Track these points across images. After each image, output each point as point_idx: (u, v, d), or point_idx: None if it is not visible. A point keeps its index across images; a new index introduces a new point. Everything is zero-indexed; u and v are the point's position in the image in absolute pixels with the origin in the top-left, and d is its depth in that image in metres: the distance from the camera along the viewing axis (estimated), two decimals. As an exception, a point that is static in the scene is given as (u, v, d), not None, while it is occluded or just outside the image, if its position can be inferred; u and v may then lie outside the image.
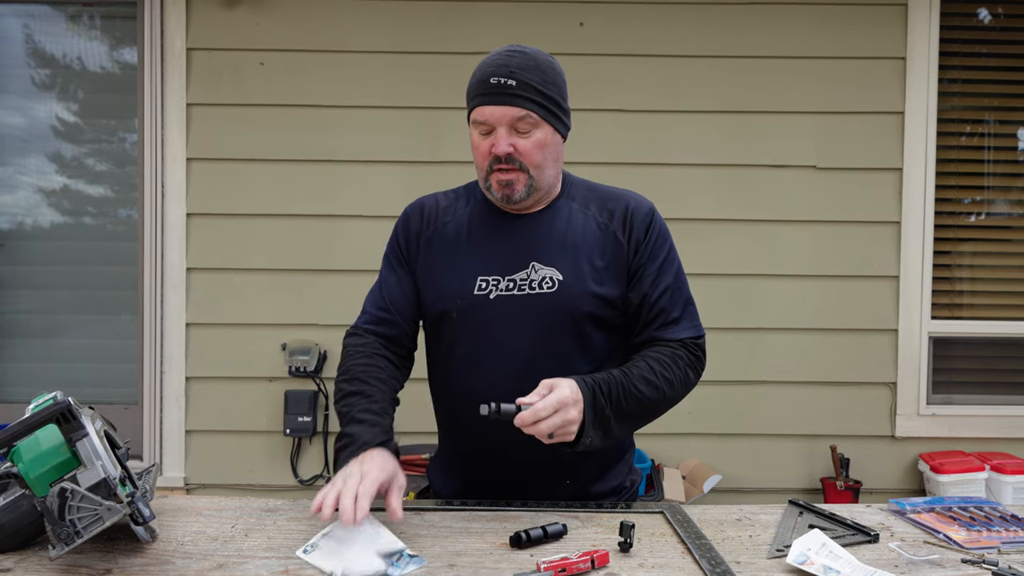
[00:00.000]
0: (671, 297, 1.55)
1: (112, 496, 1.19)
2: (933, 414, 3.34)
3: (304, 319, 3.29)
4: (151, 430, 3.30)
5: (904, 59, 3.29)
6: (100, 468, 1.20)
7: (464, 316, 1.52)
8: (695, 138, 3.30)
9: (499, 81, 1.44)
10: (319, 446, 3.32)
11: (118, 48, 3.44)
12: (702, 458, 3.31)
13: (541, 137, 1.48)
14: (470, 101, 1.49)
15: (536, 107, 1.46)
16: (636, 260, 1.54)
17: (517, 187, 1.48)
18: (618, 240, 1.54)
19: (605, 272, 1.52)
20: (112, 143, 3.44)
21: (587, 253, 1.52)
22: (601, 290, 1.51)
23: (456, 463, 1.63)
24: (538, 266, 1.51)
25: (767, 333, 3.33)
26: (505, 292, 1.50)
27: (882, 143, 3.31)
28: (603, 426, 1.41)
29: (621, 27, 3.31)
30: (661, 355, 1.51)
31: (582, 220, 1.55)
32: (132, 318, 3.39)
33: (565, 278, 1.50)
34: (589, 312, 1.50)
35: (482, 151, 1.49)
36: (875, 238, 3.32)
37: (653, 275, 1.54)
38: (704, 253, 3.29)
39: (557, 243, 1.53)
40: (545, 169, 1.50)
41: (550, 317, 1.48)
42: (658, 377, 1.47)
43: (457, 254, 1.55)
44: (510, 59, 1.46)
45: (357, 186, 3.29)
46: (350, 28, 3.29)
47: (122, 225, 3.44)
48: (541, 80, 1.46)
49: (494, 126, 1.46)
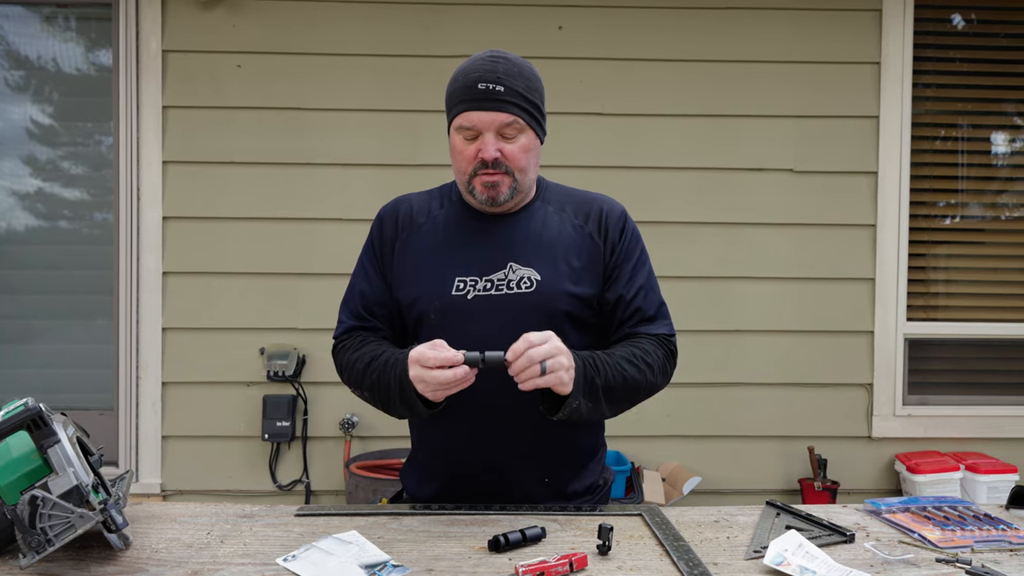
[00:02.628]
0: (646, 296, 1.59)
1: (84, 503, 1.17)
2: (909, 415, 3.38)
3: (283, 323, 3.27)
4: (127, 436, 3.26)
5: (879, 64, 3.33)
6: (72, 475, 1.18)
7: (442, 317, 1.53)
8: (673, 142, 3.32)
9: (487, 87, 1.46)
10: (298, 451, 3.30)
11: (93, 50, 3.41)
12: (682, 460, 3.32)
13: (526, 142, 1.51)
14: (454, 106, 1.50)
15: (522, 113, 1.49)
16: (612, 261, 1.57)
17: (502, 189, 1.50)
18: (594, 241, 1.57)
19: (582, 272, 1.55)
20: (87, 146, 3.41)
21: (564, 254, 1.55)
22: (578, 290, 1.53)
23: (432, 465, 1.62)
24: (516, 266, 1.53)
25: (745, 335, 3.35)
26: (483, 292, 1.52)
27: (858, 147, 3.34)
28: (591, 395, 1.43)
29: (599, 31, 3.32)
30: (640, 343, 1.55)
31: (558, 222, 1.58)
32: (107, 323, 3.35)
33: (543, 278, 1.52)
34: (567, 311, 1.53)
35: (467, 156, 1.50)
36: (851, 241, 3.35)
37: (628, 275, 1.58)
38: (682, 256, 3.30)
39: (534, 244, 1.55)
40: (528, 172, 1.53)
41: (528, 316, 1.49)
42: (639, 361, 1.51)
43: (434, 255, 1.56)
44: (495, 65, 1.48)
45: (336, 189, 3.28)
46: (328, 31, 3.28)
47: (97, 229, 3.41)
48: (526, 87, 1.49)
49: (481, 131, 1.48)
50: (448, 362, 1.34)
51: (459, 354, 1.35)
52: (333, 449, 3.29)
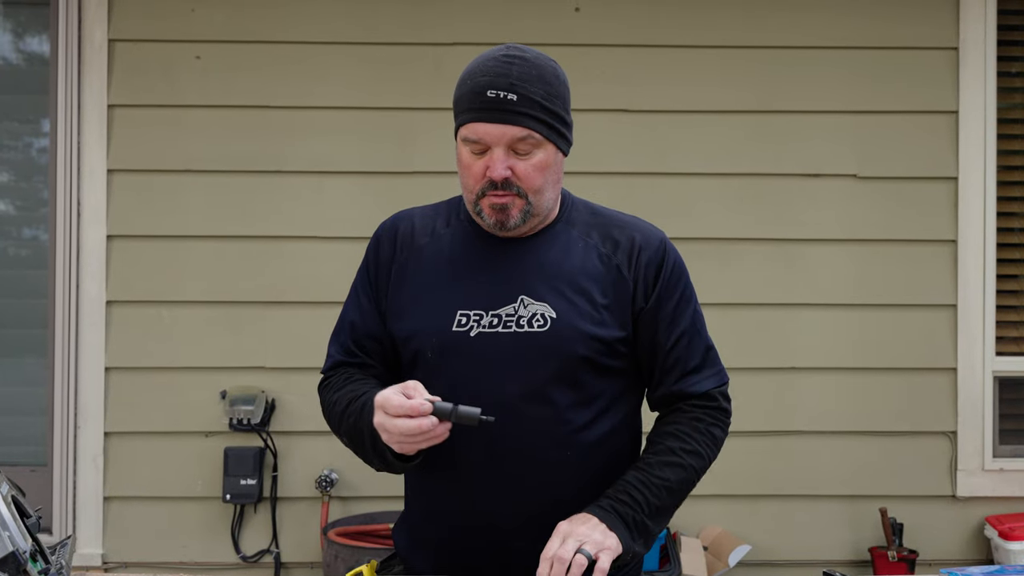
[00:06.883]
0: (689, 344, 1.60)
1: (22, 573, 1.20)
2: (1001, 468, 3.37)
3: (248, 361, 3.30)
4: (62, 497, 3.28)
5: (957, 50, 3.36)
6: (8, 540, 1.21)
7: (440, 356, 1.55)
8: (711, 143, 3.36)
9: (498, 95, 1.46)
10: (266, 515, 3.31)
11: (25, 39, 3.48)
12: (726, 525, 3.32)
13: (542, 158, 1.51)
14: (460, 114, 1.52)
15: (539, 125, 1.49)
16: (647, 303, 1.58)
17: (512, 212, 1.51)
18: (622, 275, 1.58)
19: (605, 311, 1.55)
20: (16, 150, 3.46)
21: (585, 287, 1.55)
22: (600, 331, 1.54)
23: (427, 529, 1.65)
24: (528, 300, 1.54)
25: (800, 374, 3.36)
26: (488, 329, 1.53)
27: (933, 148, 3.37)
28: (642, 532, 1.50)
29: (623, 13, 3.37)
30: (678, 426, 1.58)
31: (582, 249, 1.59)
32: (40, 361, 3.38)
33: (559, 315, 1.53)
34: (585, 356, 1.53)
35: (474, 173, 1.51)
36: (927, 260, 3.37)
37: (668, 320, 1.59)
38: (723, 279, 3.32)
39: (551, 275, 1.56)
40: (545, 193, 1.54)
41: (540, 360, 1.51)
42: (679, 455, 1.55)
43: (434, 284, 1.59)
44: (509, 67, 1.48)
45: (311, 202, 3.32)
46: (304, 15, 3.33)
47: (27, 249, 3.45)
48: (545, 93, 1.49)
49: (489, 145, 1.49)
50: (413, 411, 1.38)
51: (426, 403, 1.38)
52: (308, 512, 3.31)
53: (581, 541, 1.41)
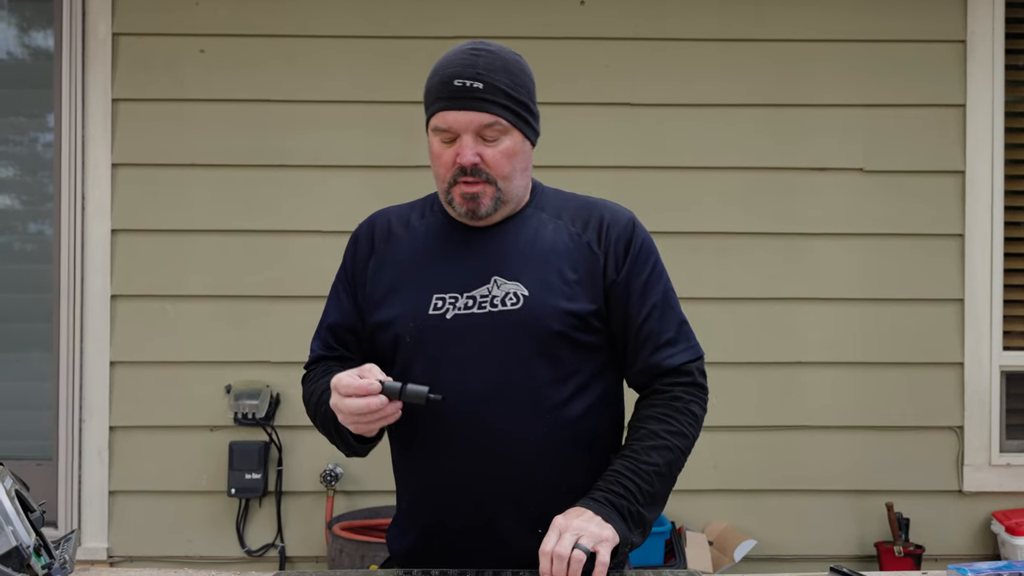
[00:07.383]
0: (661, 316, 1.63)
1: (25, 568, 1.21)
2: (1008, 463, 3.37)
3: (252, 356, 3.32)
4: (68, 491, 3.29)
5: (964, 43, 3.36)
6: (11, 535, 1.22)
7: (419, 339, 1.59)
8: (717, 137, 3.35)
9: (464, 83, 1.52)
10: (271, 509, 3.32)
11: (29, 33, 3.48)
12: (732, 520, 3.33)
13: (510, 145, 1.56)
14: (430, 106, 1.58)
15: (505, 112, 1.54)
16: (618, 275, 1.62)
17: (483, 200, 1.56)
18: (592, 250, 1.62)
19: (577, 286, 1.60)
20: (21, 144, 3.47)
21: (556, 265, 1.60)
22: (573, 306, 1.58)
23: (412, 514, 1.67)
24: (500, 280, 1.58)
25: (806, 368, 3.36)
26: (464, 311, 1.57)
27: (940, 141, 3.36)
28: (638, 521, 1.52)
29: (628, 6, 3.36)
30: (657, 409, 1.60)
31: (552, 230, 1.64)
32: (45, 356, 3.40)
33: (531, 293, 1.57)
34: (560, 331, 1.57)
35: (444, 161, 1.56)
36: (934, 254, 3.37)
37: (639, 292, 1.62)
38: (728, 273, 3.32)
39: (522, 255, 1.60)
40: (514, 180, 1.59)
41: (516, 337, 1.55)
42: (664, 437, 1.57)
43: (410, 272, 1.64)
44: (475, 58, 1.54)
45: (316, 196, 3.33)
46: (309, 9, 3.34)
47: (32, 243, 3.46)
48: (510, 82, 1.55)
49: (458, 133, 1.54)
50: (361, 391, 1.42)
51: (375, 383, 1.42)
52: (313, 507, 3.32)
53: (578, 535, 1.42)
